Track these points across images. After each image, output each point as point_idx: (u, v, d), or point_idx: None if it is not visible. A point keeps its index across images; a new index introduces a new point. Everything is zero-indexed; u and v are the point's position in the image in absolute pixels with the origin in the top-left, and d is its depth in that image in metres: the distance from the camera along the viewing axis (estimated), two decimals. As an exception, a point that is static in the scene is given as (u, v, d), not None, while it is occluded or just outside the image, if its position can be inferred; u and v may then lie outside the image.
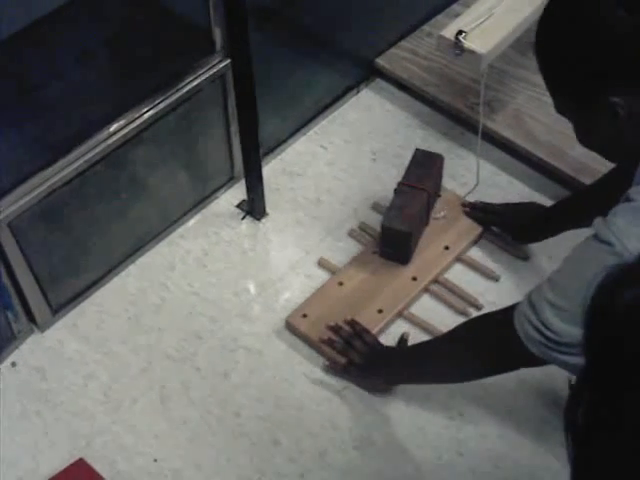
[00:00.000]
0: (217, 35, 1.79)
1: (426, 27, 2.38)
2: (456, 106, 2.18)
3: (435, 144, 2.17)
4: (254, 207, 2.02)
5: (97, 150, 1.70)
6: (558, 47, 1.14)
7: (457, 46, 1.78)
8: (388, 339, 1.79)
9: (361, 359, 1.69)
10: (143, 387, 1.74)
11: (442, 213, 1.98)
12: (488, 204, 1.96)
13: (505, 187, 2.06)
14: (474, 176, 2.05)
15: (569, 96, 1.16)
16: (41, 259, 1.74)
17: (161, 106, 1.77)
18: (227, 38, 1.76)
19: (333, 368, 1.74)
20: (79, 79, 1.68)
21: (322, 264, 1.93)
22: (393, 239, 1.85)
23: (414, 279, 1.87)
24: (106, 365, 1.78)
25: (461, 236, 1.94)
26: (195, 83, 1.81)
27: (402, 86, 2.29)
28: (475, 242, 1.95)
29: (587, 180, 1.94)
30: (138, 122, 1.75)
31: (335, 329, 1.77)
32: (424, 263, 1.89)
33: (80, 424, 1.70)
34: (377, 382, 1.71)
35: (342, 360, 1.72)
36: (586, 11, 1.08)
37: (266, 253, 1.99)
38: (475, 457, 1.63)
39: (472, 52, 1.78)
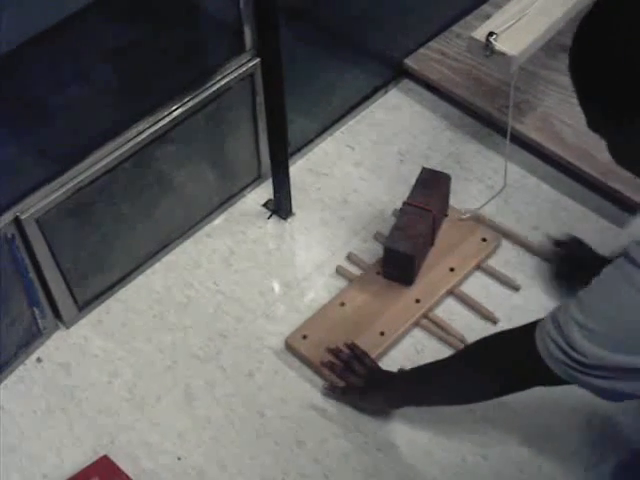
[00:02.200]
0: (247, 34, 1.79)
1: (455, 28, 2.37)
2: (485, 108, 2.17)
3: (463, 146, 2.16)
4: (280, 206, 2.02)
5: (125, 148, 1.71)
6: (593, 62, 1.08)
7: (487, 48, 1.77)
8: (402, 348, 1.79)
9: (360, 382, 1.67)
10: (168, 385, 1.75)
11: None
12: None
13: (533, 190, 2.05)
14: (501, 178, 2.04)
15: (603, 112, 1.11)
16: (68, 255, 1.75)
17: (190, 104, 1.77)
18: (257, 37, 1.76)
19: (331, 391, 1.71)
20: (108, 77, 1.69)
21: (339, 271, 1.92)
22: (396, 260, 1.82)
23: (417, 301, 1.83)
24: (131, 362, 1.79)
25: (467, 258, 1.90)
26: (224, 82, 1.81)
27: (430, 87, 2.28)
28: (480, 265, 1.91)
29: (615, 184, 1.93)
30: (166, 120, 1.75)
31: (334, 352, 1.74)
32: (429, 285, 1.85)
33: (104, 421, 1.70)
34: (376, 405, 1.68)
35: (341, 383, 1.70)
36: (623, 25, 1.04)
37: (292, 253, 1.98)
38: (499, 461, 1.62)
39: (502, 54, 1.77)
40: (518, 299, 1.86)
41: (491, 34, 1.77)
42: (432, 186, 1.90)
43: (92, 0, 1.50)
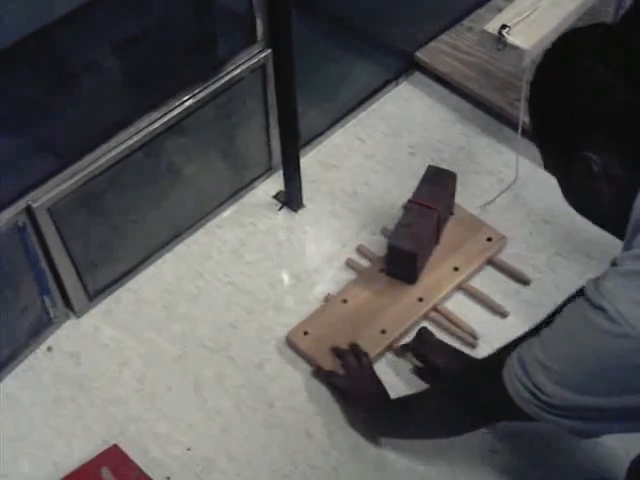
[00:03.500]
0: (259, 25, 1.79)
1: (466, 21, 2.37)
2: (496, 101, 2.17)
3: (473, 139, 2.16)
4: (291, 198, 2.02)
5: (137, 138, 1.71)
6: (542, 94, 1.17)
7: (500, 41, 1.77)
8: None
9: (342, 383, 1.67)
10: (177, 375, 1.75)
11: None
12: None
13: (543, 184, 2.04)
14: (512, 172, 2.04)
15: (550, 147, 1.19)
16: (79, 245, 1.75)
17: (201, 95, 1.77)
18: (269, 28, 1.76)
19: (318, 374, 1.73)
20: (120, 67, 1.69)
21: (349, 264, 1.92)
22: (399, 258, 1.81)
23: (420, 300, 1.82)
24: (141, 352, 1.79)
25: (471, 257, 1.88)
26: (235, 73, 1.81)
27: (441, 80, 2.28)
28: (486, 264, 1.90)
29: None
30: (178, 111, 1.75)
31: (335, 350, 1.74)
32: (432, 284, 1.84)
33: (114, 410, 1.70)
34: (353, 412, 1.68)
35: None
36: (571, 62, 1.12)
37: (302, 244, 1.98)
38: (509, 455, 1.62)
39: (515, 47, 1.76)
40: (528, 293, 1.85)
41: (504, 27, 1.77)
42: (438, 184, 1.89)
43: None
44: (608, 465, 1.59)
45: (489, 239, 1.92)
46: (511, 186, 2.03)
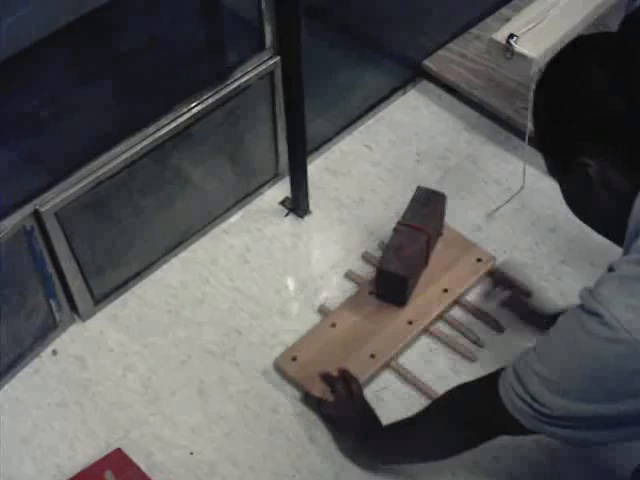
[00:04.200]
0: (268, 32, 1.80)
1: (474, 30, 2.37)
2: (503, 110, 2.17)
3: (480, 147, 2.16)
4: (298, 205, 2.02)
5: (144, 143, 1.71)
6: (543, 99, 1.18)
7: (508, 50, 1.77)
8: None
9: (331, 411, 1.66)
10: (182, 380, 1.75)
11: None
12: None
13: (550, 192, 2.04)
14: (518, 180, 2.04)
15: (550, 152, 1.20)
16: (86, 249, 1.75)
17: (209, 101, 1.78)
18: (278, 35, 1.76)
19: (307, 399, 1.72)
20: (129, 73, 1.70)
21: (349, 276, 1.91)
22: (389, 282, 1.79)
23: (410, 323, 1.79)
24: (145, 357, 1.79)
25: (461, 279, 1.86)
26: (244, 79, 1.82)
27: (449, 88, 2.29)
28: (475, 285, 1.88)
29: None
30: (186, 117, 1.76)
31: (324, 377, 1.71)
32: (421, 306, 1.82)
33: (118, 414, 1.71)
34: (344, 440, 1.66)
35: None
36: (571, 68, 1.14)
37: (308, 251, 1.99)
38: (511, 463, 1.62)
39: (523, 56, 1.77)
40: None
41: (512, 36, 1.77)
42: (427, 206, 1.87)
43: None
44: (610, 474, 1.59)
45: (479, 260, 1.90)
46: (518, 193, 2.03)
